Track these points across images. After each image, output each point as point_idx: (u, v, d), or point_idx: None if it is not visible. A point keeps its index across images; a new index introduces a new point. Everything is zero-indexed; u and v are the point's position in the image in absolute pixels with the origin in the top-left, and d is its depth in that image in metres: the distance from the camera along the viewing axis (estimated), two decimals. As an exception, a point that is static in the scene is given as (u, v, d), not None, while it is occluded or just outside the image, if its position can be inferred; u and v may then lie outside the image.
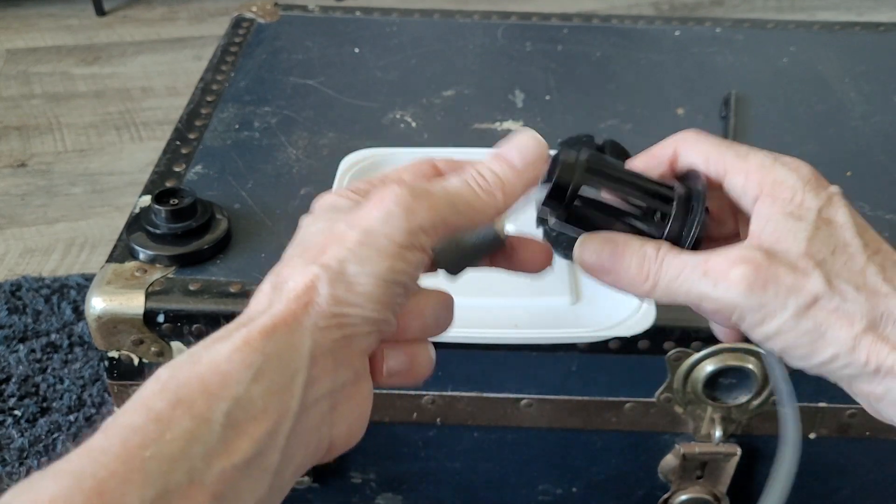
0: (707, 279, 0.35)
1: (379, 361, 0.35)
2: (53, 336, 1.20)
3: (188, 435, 0.26)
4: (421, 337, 0.36)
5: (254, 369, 0.28)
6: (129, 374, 0.72)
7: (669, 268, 0.36)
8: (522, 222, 0.45)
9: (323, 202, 0.37)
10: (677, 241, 0.38)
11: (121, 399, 0.74)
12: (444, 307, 0.37)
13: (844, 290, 0.34)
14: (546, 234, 0.51)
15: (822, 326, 0.34)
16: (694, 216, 0.37)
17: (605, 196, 0.38)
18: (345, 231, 0.32)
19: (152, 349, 0.70)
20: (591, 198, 0.38)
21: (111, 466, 0.25)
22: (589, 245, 0.38)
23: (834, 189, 0.37)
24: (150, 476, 0.25)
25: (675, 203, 0.38)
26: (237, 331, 0.30)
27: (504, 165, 0.35)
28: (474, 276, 0.42)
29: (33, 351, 1.17)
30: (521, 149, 0.35)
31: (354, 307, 0.31)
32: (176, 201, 0.72)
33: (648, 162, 0.40)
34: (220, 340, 0.30)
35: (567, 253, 0.40)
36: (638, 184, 0.38)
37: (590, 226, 0.38)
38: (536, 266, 0.41)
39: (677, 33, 1.10)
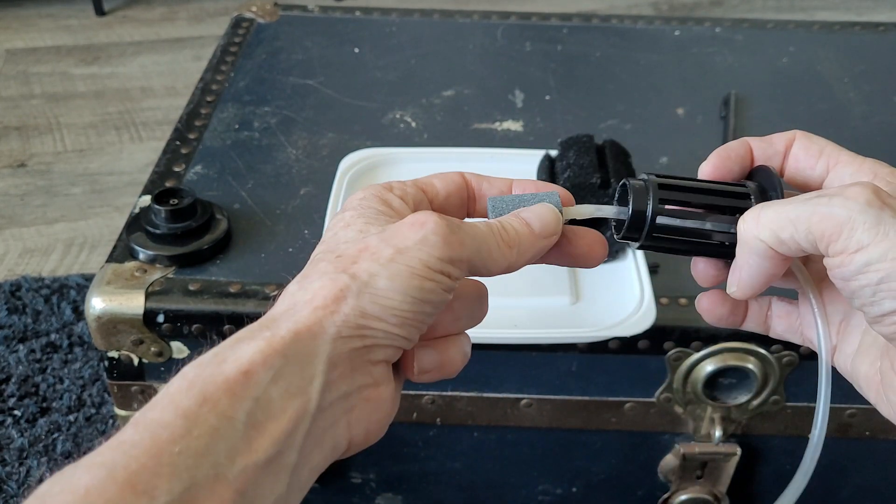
0: (819, 200, 0.33)
1: (410, 362, 0.35)
2: (53, 336, 1.20)
3: (214, 432, 0.27)
4: (454, 332, 0.36)
5: (273, 371, 0.29)
6: (129, 374, 0.72)
7: (767, 208, 0.34)
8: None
9: (356, 201, 0.36)
10: None
11: (121, 399, 0.74)
12: (477, 299, 0.37)
13: None
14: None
15: None
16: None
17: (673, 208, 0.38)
18: (378, 245, 0.33)
19: (152, 349, 0.70)
20: (666, 222, 0.37)
21: (142, 460, 0.26)
22: None
23: None
24: (178, 470, 0.26)
25: (752, 197, 0.38)
26: (261, 332, 0.31)
27: (525, 227, 0.36)
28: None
29: (33, 351, 1.17)
30: (542, 218, 0.36)
31: (380, 321, 0.32)
32: (176, 201, 0.72)
33: (763, 148, 0.39)
34: (244, 340, 0.30)
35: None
36: (711, 188, 0.38)
37: (670, 245, 0.38)
38: (592, 259, 0.39)
39: (677, 33, 1.10)
